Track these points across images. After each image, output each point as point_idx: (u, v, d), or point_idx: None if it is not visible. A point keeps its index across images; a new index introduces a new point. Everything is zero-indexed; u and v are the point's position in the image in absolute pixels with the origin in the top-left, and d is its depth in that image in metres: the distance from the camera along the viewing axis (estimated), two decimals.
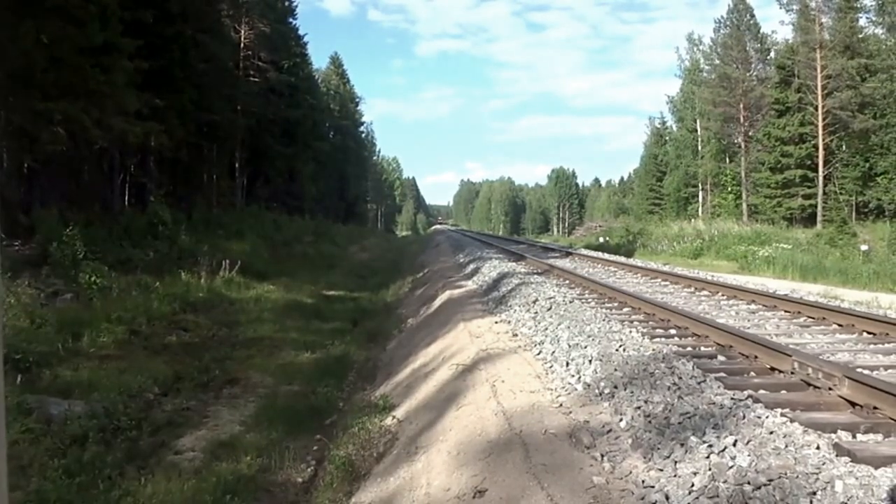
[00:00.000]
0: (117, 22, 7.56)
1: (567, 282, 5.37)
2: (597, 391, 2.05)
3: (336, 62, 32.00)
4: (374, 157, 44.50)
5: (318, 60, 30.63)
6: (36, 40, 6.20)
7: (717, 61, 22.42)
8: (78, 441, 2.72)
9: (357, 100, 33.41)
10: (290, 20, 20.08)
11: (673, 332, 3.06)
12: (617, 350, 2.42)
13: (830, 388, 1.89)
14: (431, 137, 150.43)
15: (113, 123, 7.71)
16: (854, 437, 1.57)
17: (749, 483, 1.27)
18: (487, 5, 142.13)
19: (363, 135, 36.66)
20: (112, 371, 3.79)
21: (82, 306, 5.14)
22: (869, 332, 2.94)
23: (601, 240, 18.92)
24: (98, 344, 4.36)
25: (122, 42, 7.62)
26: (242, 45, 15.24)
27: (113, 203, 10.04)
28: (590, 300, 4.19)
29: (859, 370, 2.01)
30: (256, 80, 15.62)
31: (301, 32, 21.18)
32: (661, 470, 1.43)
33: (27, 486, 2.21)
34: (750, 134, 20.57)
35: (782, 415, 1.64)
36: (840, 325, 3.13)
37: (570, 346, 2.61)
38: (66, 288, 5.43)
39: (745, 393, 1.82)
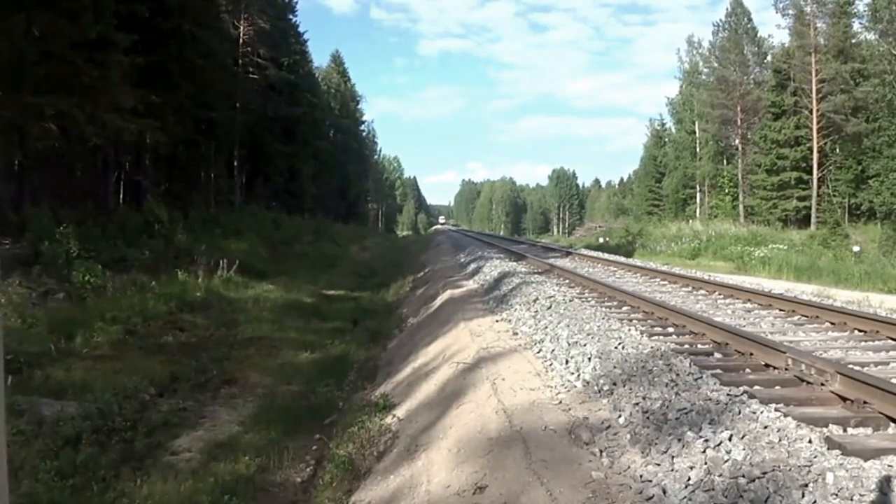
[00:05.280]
0: (111, 16, 7.43)
1: (567, 281, 5.39)
2: (596, 388, 2.07)
3: (337, 60, 31.87)
4: (376, 157, 44.23)
5: (320, 58, 30.55)
6: (26, 33, 6.10)
7: (716, 64, 22.68)
8: (71, 442, 2.68)
9: (358, 98, 33.31)
10: (291, 17, 20.00)
11: (671, 330, 3.09)
12: (616, 348, 2.45)
13: (823, 384, 1.92)
14: (433, 137, 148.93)
15: (107, 119, 7.62)
16: (845, 430, 1.60)
17: (744, 476, 1.29)
18: (490, 5, 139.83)
19: (364, 134, 36.49)
20: (106, 371, 3.74)
21: (75, 306, 5.07)
22: (860, 330, 3.00)
23: (601, 240, 19.14)
24: (92, 344, 4.31)
25: (117, 36, 7.50)
26: (241, 41, 15.07)
27: (107, 201, 9.91)
28: (589, 299, 4.22)
29: (850, 366, 2.05)
30: (255, 77, 15.46)
31: (301, 29, 21.16)
32: (659, 465, 1.45)
33: (18, 489, 2.17)
34: (747, 136, 20.80)
35: (776, 410, 1.67)
36: (832, 324, 3.18)
37: (569, 345, 2.63)
38: (59, 287, 5.36)
39: (741, 389, 1.85)
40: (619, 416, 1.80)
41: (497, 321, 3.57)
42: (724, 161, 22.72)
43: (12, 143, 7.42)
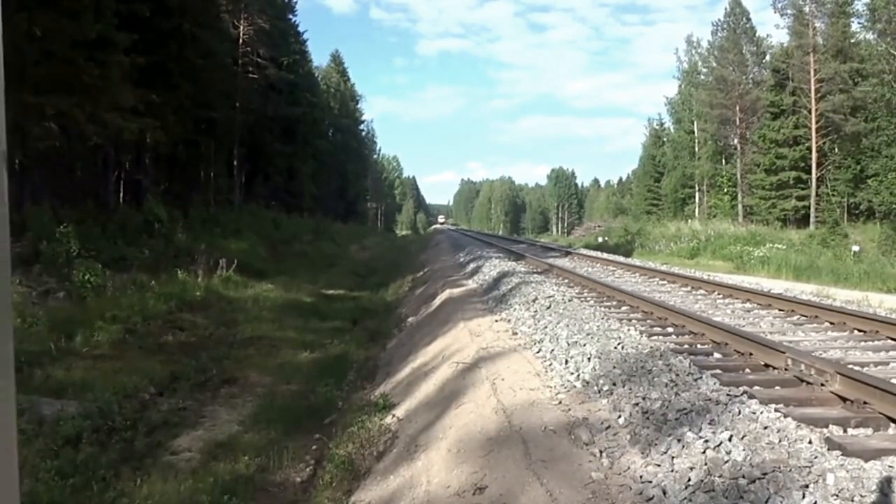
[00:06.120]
0: (112, 15, 7.46)
1: (566, 281, 5.40)
2: (595, 388, 2.07)
3: (337, 60, 31.95)
4: (375, 156, 44.32)
5: (319, 58, 30.63)
6: (28, 32, 6.09)
7: (714, 64, 22.74)
8: (71, 442, 2.68)
9: (358, 98, 33.37)
10: (290, 16, 20.04)
11: (670, 329, 3.09)
12: (615, 348, 2.45)
13: (822, 384, 1.92)
14: (432, 137, 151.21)
15: (107, 119, 7.63)
16: (845, 431, 1.60)
17: (744, 477, 1.29)
18: (490, 5, 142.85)
19: (364, 133, 36.50)
20: (107, 371, 3.75)
21: (76, 305, 5.09)
22: (860, 330, 3.00)
23: (600, 240, 19.26)
24: (92, 343, 4.32)
25: (118, 36, 7.52)
26: (241, 41, 15.08)
27: (107, 200, 9.92)
28: (589, 299, 4.22)
29: (850, 367, 2.05)
30: (255, 76, 15.47)
31: (301, 29, 21.23)
32: (659, 465, 1.45)
33: (20, 488, 2.18)
34: (746, 136, 20.81)
35: (776, 410, 1.66)
36: (832, 323, 3.18)
37: (569, 345, 2.64)
38: (59, 286, 5.38)
39: (740, 389, 1.85)
40: (619, 416, 1.80)
41: (496, 321, 3.58)
42: (723, 161, 22.77)
43: (13, 143, 7.38)
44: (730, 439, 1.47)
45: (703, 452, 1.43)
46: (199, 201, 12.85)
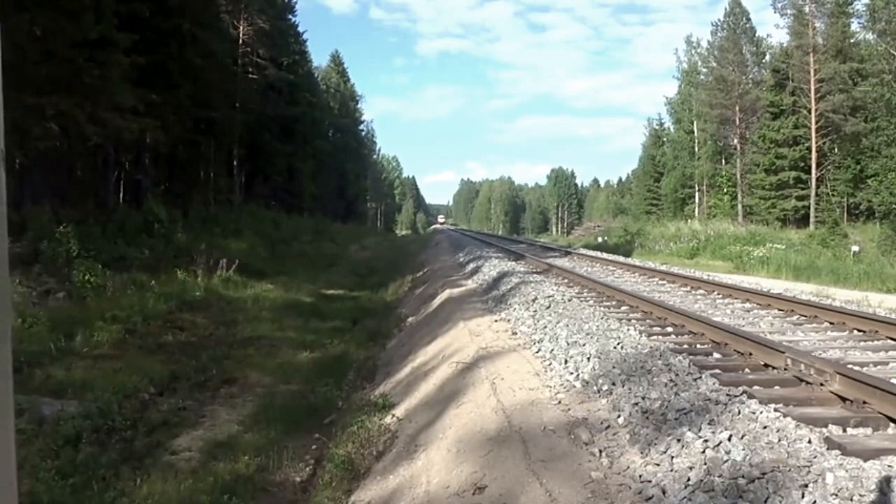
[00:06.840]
0: (112, 15, 7.49)
1: (566, 281, 5.41)
2: (595, 388, 2.07)
3: (336, 60, 32.07)
4: (375, 156, 44.46)
5: (319, 58, 30.76)
6: (28, 32, 6.11)
7: (714, 64, 22.80)
8: (71, 442, 2.69)
9: (357, 98, 33.53)
10: (290, 17, 20.12)
11: (670, 329, 3.10)
12: (615, 347, 2.45)
13: (822, 384, 1.92)
14: (432, 136, 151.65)
15: (107, 119, 7.64)
16: (844, 430, 1.60)
17: (743, 477, 1.29)
18: (489, 5, 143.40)
19: (363, 133, 36.64)
20: (107, 371, 3.76)
21: (76, 305, 5.11)
22: (859, 330, 3.00)
23: (600, 239, 19.35)
24: (92, 343, 4.33)
25: (118, 36, 7.54)
26: (241, 41, 15.14)
27: (107, 200, 9.96)
28: (588, 299, 4.23)
29: (850, 366, 2.05)
30: (255, 76, 15.53)
31: (301, 29, 21.34)
32: (658, 465, 1.45)
33: (19, 489, 2.18)
34: (745, 136, 20.86)
35: (775, 410, 1.66)
36: (832, 323, 3.18)
37: (568, 344, 2.64)
38: (59, 286, 5.39)
39: (740, 389, 1.85)
40: (619, 415, 1.81)
41: (496, 321, 3.58)
42: (723, 161, 22.81)
43: (13, 143, 7.42)
44: (729, 439, 1.47)
45: (703, 452, 1.43)
46: (198, 201, 12.87)
